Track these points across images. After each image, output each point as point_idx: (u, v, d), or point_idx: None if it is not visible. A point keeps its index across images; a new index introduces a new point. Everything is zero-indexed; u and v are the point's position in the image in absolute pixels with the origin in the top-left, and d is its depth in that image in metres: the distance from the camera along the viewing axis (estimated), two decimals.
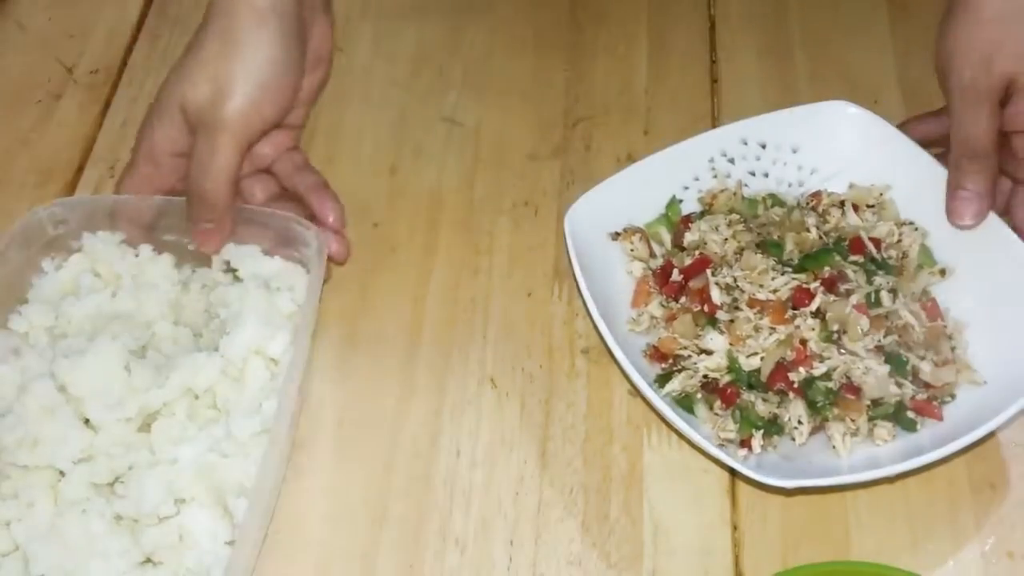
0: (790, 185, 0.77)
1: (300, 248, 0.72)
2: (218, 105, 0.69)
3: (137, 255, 0.73)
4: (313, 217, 0.74)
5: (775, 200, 0.76)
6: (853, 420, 0.66)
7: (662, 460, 0.69)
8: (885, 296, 0.70)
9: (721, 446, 0.65)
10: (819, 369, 0.67)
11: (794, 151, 0.77)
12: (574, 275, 0.69)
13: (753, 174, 0.77)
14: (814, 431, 0.67)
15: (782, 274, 0.70)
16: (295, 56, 0.71)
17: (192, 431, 0.65)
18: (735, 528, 0.66)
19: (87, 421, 0.66)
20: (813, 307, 0.69)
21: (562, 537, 0.66)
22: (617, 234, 0.74)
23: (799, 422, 0.66)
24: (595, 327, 0.69)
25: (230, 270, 0.73)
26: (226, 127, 0.69)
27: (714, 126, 0.85)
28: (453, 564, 0.65)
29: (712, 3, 0.94)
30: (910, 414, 0.67)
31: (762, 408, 0.67)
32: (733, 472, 0.67)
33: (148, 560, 0.63)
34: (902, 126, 0.76)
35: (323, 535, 0.67)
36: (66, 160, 0.86)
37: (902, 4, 0.90)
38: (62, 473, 0.65)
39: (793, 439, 0.66)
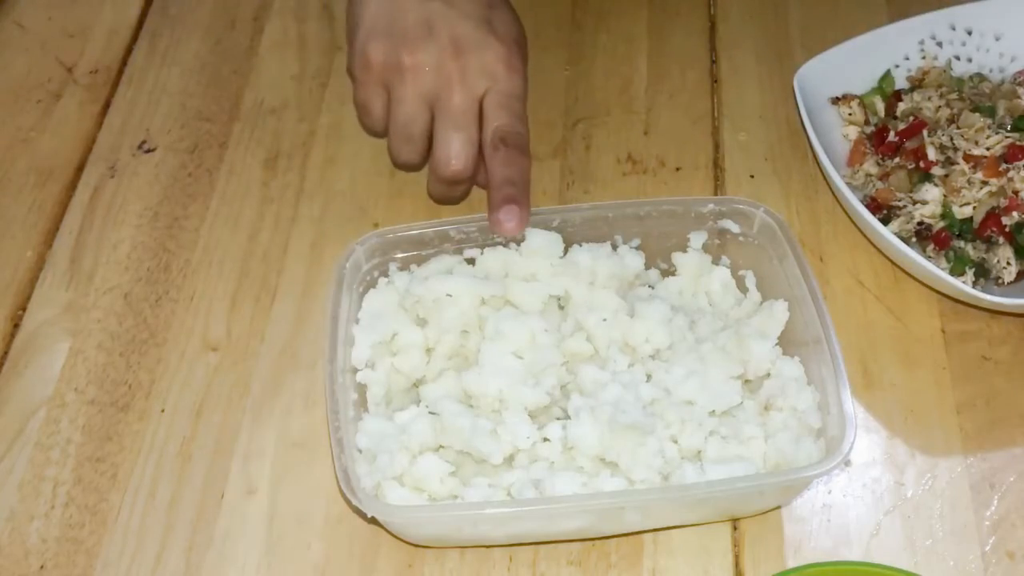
0: (991, 71, 0.84)
1: None
2: None
3: None
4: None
5: (981, 79, 0.82)
6: None
7: None
8: None
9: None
10: None
11: (997, 39, 0.83)
12: (806, 133, 0.76)
13: (958, 58, 0.84)
14: (1018, 277, 0.73)
15: (996, 133, 0.76)
16: None
17: None
18: (735, 528, 0.66)
19: None
20: None
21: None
22: (837, 99, 0.81)
23: (1007, 263, 0.73)
24: (824, 175, 0.77)
25: None
26: None
27: (714, 126, 0.85)
28: (453, 563, 0.65)
29: (712, 3, 0.94)
30: None
31: (972, 253, 0.74)
32: None
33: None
34: None
35: (324, 533, 0.67)
36: (66, 160, 0.86)
37: (901, 4, 0.90)
38: None
39: (1000, 281, 0.73)
